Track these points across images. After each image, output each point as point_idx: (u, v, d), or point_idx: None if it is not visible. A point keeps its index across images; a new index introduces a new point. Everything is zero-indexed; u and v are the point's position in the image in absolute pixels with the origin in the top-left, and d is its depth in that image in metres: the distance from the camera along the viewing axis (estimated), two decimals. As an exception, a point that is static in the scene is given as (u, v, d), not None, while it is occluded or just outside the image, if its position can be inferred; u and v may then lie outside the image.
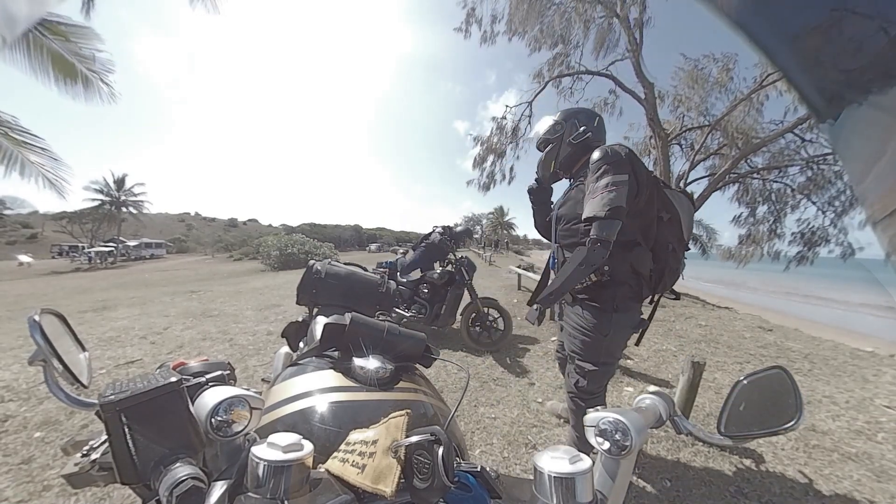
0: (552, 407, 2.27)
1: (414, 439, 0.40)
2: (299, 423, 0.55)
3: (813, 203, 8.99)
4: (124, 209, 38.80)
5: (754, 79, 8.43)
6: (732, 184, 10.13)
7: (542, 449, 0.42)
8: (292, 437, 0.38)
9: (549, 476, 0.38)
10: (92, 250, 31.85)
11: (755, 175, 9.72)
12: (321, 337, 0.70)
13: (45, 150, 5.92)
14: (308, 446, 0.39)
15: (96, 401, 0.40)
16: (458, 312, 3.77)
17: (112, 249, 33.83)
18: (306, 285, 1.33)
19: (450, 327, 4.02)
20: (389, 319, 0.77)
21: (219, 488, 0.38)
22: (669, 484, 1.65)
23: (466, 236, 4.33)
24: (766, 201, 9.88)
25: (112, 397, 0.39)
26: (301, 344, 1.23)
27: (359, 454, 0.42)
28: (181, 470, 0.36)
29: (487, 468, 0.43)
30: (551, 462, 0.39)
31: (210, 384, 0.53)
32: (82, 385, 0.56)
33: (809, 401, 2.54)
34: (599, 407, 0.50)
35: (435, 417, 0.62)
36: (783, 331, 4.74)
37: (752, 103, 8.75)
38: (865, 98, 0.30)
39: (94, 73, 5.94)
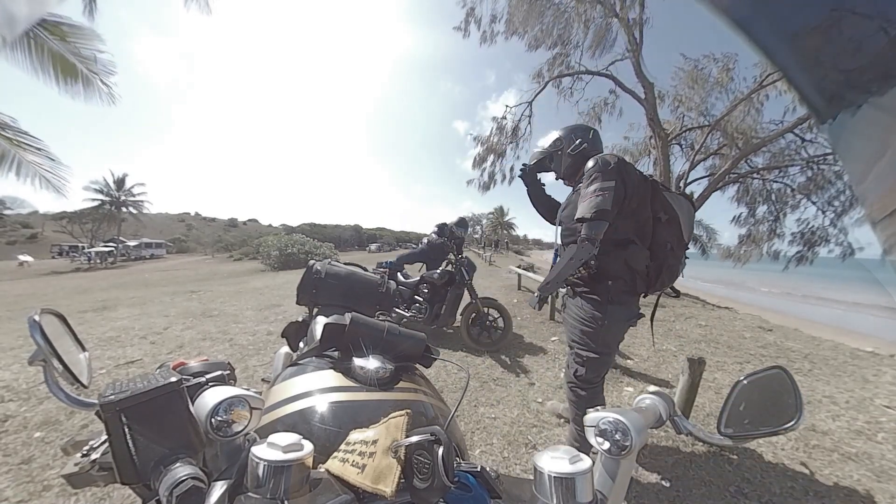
0: (552, 407, 2.27)
1: (414, 439, 0.40)
2: (299, 423, 0.55)
3: (813, 203, 9.01)
4: (124, 209, 38.79)
5: (754, 79, 8.44)
6: (732, 184, 10.15)
7: (542, 449, 0.42)
8: (292, 437, 0.38)
9: (549, 476, 0.38)
10: (92, 250, 31.83)
11: (755, 175, 9.72)
12: (321, 337, 0.69)
13: (42, 150, 5.93)
14: (308, 446, 0.39)
15: (96, 401, 0.40)
16: (458, 312, 3.77)
17: (112, 249, 33.81)
18: (306, 285, 1.34)
19: (450, 327, 4.02)
20: (389, 319, 0.77)
21: (219, 488, 0.38)
22: (669, 484, 1.65)
23: (462, 228, 4.35)
24: (766, 201, 9.89)
25: (112, 397, 0.39)
26: (301, 344, 1.23)
27: (359, 454, 0.42)
28: (181, 470, 0.36)
29: (487, 468, 0.43)
30: (551, 462, 0.39)
31: (210, 384, 0.53)
32: (82, 385, 0.56)
33: (809, 401, 2.54)
34: (599, 407, 0.50)
35: (435, 417, 0.62)
36: (783, 331, 4.74)
37: (752, 103, 8.76)
38: (865, 99, 0.30)
39: (95, 74, 5.95)
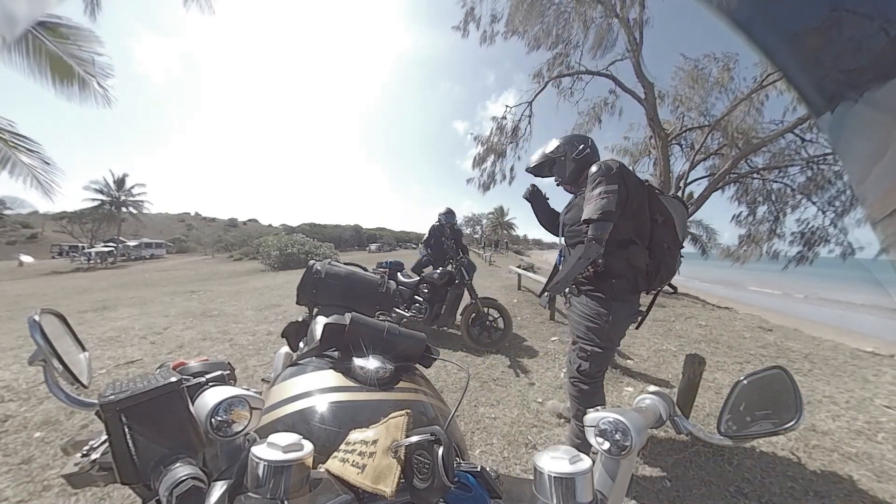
0: (552, 407, 2.27)
1: (414, 439, 0.40)
2: (299, 423, 0.55)
3: (813, 203, 9.00)
4: (124, 209, 38.76)
5: (754, 79, 8.43)
6: (732, 184, 10.14)
7: (542, 449, 0.42)
8: (292, 437, 0.38)
9: (549, 476, 0.38)
10: (92, 250, 31.81)
11: (755, 175, 9.72)
12: (321, 337, 0.69)
13: (36, 153, 5.96)
14: (308, 446, 0.39)
15: (96, 401, 0.40)
16: (458, 312, 3.77)
17: (112, 249, 33.79)
18: (306, 285, 1.33)
19: (450, 327, 4.02)
20: (389, 319, 0.77)
21: (219, 488, 0.38)
22: (669, 484, 1.65)
23: (450, 215, 4.57)
24: (766, 201, 9.89)
25: (112, 397, 0.39)
26: (301, 344, 1.23)
27: (359, 454, 0.42)
28: (181, 470, 0.36)
29: (487, 468, 0.43)
30: (551, 462, 0.39)
31: (210, 384, 0.53)
32: (82, 385, 0.56)
33: (809, 401, 2.54)
34: (599, 407, 0.50)
35: (435, 417, 0.62)
36: (783, 331, 4.74)
37: (752, 103, 8.75)
38: (861, 95, 0.30)
39: (91, 76, 5.94)
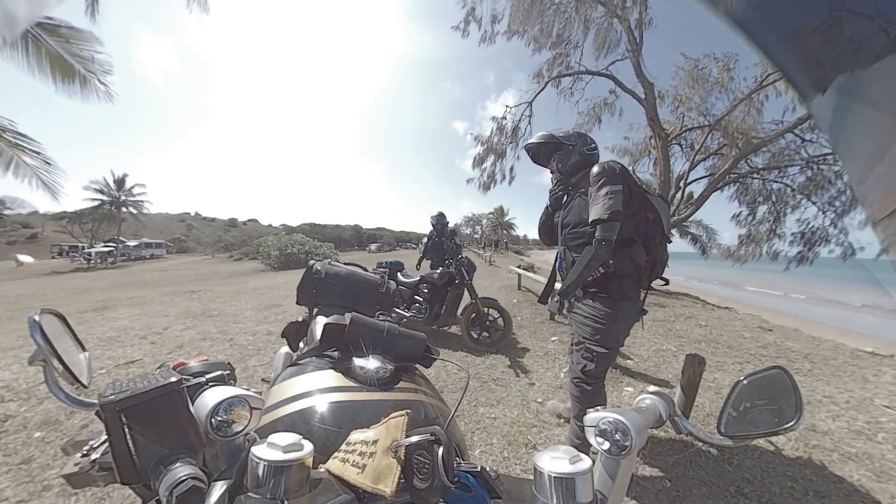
0: (552, 407, 2.27)
1: (414, 439, 0.40)
2: (299, 423, 0.55)
3: (813, 203, 9.00)
4: (124, 209, 38.74)
5: (754, 79, 8.44)
6: (732, 184, 10.13)
7: (542, 449, 0.42)
8: (292, 437, 0.38)
9: (549, 476, 0.38)
10: (92, 250, 31.78)
11: (755, 175, 9.72)
12: (321, 337, 0.69)
13: (39, 154, 6.01)
14: (308, 446, 0.39)
15: (96, 401, 0.40)
16: (458, 312, 3.77)
17: (112, 249, 33.75)
18: (306, 285, 1.33)
19: (450, 327, 4.02)
20: (389, 319, 0.77)
21: (219, 488, 0.38)
22: (669, 484, 1.65)
23: (441, 217, 4.70)
24: (766, 201, 9.88)
25: (112, 397, 0.39)
26: (301, 344, 1.23)
27: (359, 454, 0.42)
28: (181, 470, 0.36)
29: (487, 468, 0.43)
30: (551, 462, 0.39)
31: (210, 384, 0.53)
32: (82, 385, 0.56)
33: (809, 401, 2.54)
34: (599, 407, 0.50)
35: (435, 417, 0.62)
36: (783, 331, 4.74)
37: (752, 103, 8.75)
38: (861, 95, 0.30)
39: (92, 73, 6.02)
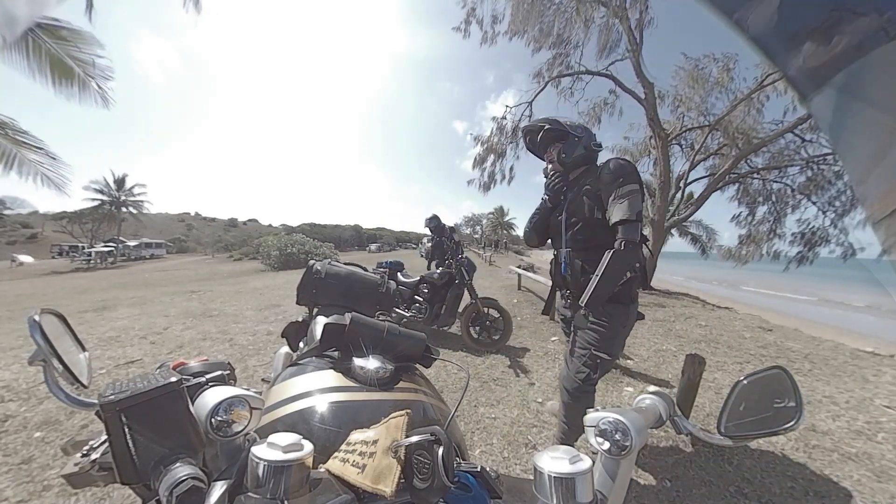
0: (552, 407, 2.27)
1: (414, 439, 0.40)
2: (299, 423, 0.55)
3: (813, 203, 8.99)
4: (124, 209, 38.73)
5: (754, 79, 8.42)
6: (732, 184, 10.13)
7: (542, 449, 0.42)
8: (292, 437, 0.38)
9: (549, 476, 0.38)
10: (92, 250, 31.78)
11: (755, 175, 9.71)
12: (321, 337, 0.69)
13: (42, 150, 5.99)
14: (308, 446, 0.39)
15: (96, 401, 0.40)
16: (458, 312, 3.77)
17: (112, 249, 33.77)
18: (306, 285, 1.33)
19: (450, 327, 4.02)
20: (389, 319, 0.77)
21: (219, 488, 0.38)
22: (669, 484, 1.65)
23: (434, 220, 4.61)
24: (766, 201, 9.88)
25: (112, 397, 0.39)
26: (301, 344, 1.23)
27: (359, 454, 0.42)
28: (181, 470, 0.36)
29: (487, 468, 0.43)
30: (551, 462, 0.39)
31: (210, 384, 0.53)
32: (82, 385, 0.56)
33: (809, 401, 2.54)
34: (599, 407, 0.50)
35: (435, 417, 0.62)
36: (783, 331, 4.74)
37: (752, 103, 8.74)
38: (861, 96, 0.30)
39: (91, 77, 5.99)
